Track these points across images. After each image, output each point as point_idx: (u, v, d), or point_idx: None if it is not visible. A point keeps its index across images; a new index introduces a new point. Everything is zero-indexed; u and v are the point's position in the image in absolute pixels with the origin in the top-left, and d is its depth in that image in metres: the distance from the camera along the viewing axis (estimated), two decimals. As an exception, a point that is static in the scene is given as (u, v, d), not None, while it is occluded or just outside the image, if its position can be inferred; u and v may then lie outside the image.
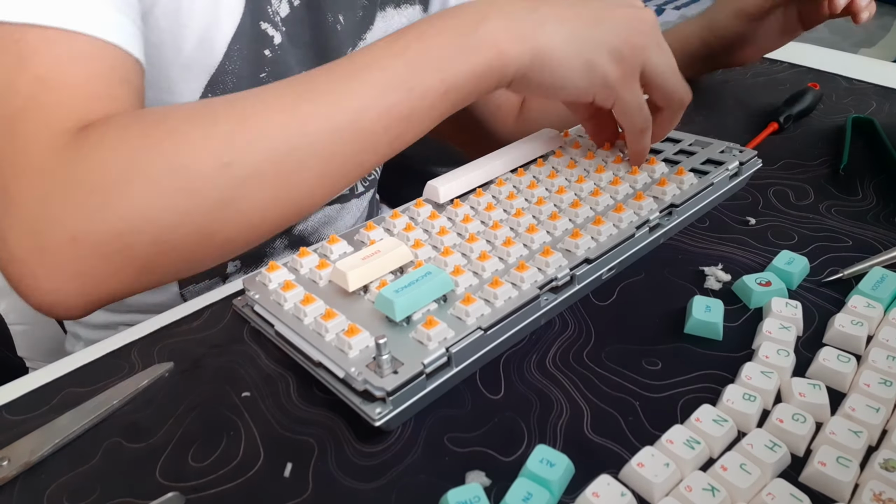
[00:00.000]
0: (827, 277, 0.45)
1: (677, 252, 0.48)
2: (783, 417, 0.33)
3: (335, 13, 0.57)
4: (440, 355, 0.35)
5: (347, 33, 0.59)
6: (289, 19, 0.55)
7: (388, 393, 0.34)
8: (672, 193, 0.49)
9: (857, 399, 0.34)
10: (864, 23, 0.64)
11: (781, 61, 0.82)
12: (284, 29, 0.55)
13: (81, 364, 0.41)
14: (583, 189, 0.49)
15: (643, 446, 0.33)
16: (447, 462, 0.34)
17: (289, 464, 0.34)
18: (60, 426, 0.36)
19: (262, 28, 0.53)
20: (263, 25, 0.53)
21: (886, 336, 0.38)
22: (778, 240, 0.49)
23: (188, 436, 0.36)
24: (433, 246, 0.44)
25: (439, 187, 0.49)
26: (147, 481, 0.33)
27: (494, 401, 0.37)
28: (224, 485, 0.33)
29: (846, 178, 0.56)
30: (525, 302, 0.39)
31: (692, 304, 0.41)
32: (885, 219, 0.51)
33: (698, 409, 0.34)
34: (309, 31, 0.56)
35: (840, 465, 0.31)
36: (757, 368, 0.36)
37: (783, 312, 0.40)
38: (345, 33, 0.59)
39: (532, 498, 0.30)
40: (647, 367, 0.39)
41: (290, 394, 0.38)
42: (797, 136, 0.64)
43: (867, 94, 0.72)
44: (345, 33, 0.59)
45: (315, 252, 0.45)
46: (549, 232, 0.45)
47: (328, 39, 0.58)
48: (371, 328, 0.37)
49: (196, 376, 0.39)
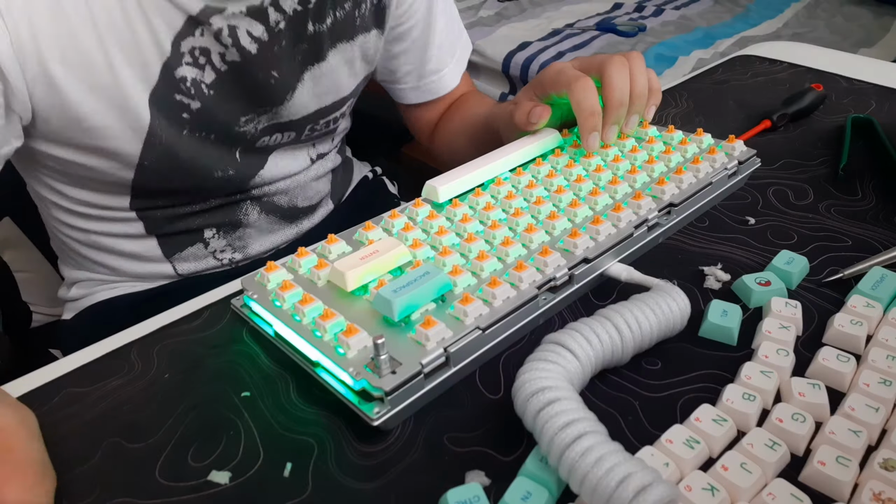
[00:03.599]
0: (827, 277, 0.45)
1: (677, 252, 0.48)
2: (783, 417, 0.33)
3: (267, 70, 0.59)
4: (438, 355, 0.35)
5: (283, 82, 0.61)
6: (216, 84, 0.57)
7: (386, 393, 0.34)
8: (671, 193, 0.49)
9: (856, 399, 0.34)
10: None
11: (781, 61, 0.82)
12: (212, 93, 0.57)
13: (81, 364, 0.41)
14: (581, 189, 0.49)
15: (643, 446, 0.33)
16: (447, 462, 0.34)
17: (288, 463, 0.34)
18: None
19: (178, 99, 0.56)
20: (178, 97, 0.56)
21: (886, 336, 0.38)
22: (777, 239, 0.49)
23: (188, 436, 0.36)
24: (432, 246, 0.44)
25: (438, 187, 0.49)
26: (147, 481, 0.33)
27: (494, 400, 0.37)
28: (224, 484, 0.33)
29: (846, 178, 0.56)
30: (524, 302, 0.39)
31: (709, 307, 0.41)
32: (884, 218, 0.51)
33: (698, 409, 0.34)
34: (238, 88, 0.58)
35: (840, 465, 0.31)
36: (756, 368, 0.36)
37: (783, 312, 0.40)
38: (279, 84, 0.60)
39: (531, 497, 0.30)
40: (646, 366, 0.39)
41: (289, 393, 0.38)
42: (797, 135, 0.64)
43: (867, 93, 0.72)
44: (279, 84, 0.60)
45: (313, 252, 0.45)
46: (548, 232, 0.45)
47: (262, 91, 0.60)
48: (369, 328, 0.37)
49: (196, 376, 0.39)
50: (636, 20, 1.89)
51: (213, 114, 0.58)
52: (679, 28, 1.83)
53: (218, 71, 0.56)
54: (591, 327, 0.36)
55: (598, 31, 1.82)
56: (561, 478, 0.30)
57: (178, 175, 0.60)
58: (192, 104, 0.57)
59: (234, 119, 0.60)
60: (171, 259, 0.68)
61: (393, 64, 0.75)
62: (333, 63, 0.64)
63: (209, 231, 0.67)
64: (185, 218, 0.65)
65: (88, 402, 0.38)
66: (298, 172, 0.70)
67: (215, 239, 0.68)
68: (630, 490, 0.27)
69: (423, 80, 0.76)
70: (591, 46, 1.73)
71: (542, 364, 0.33)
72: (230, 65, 0.57)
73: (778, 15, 1.89)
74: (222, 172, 0.62)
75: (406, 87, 0.77)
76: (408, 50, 0.73)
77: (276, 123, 0.63)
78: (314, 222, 0.76)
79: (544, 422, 0.30)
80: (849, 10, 1.89)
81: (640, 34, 1.79)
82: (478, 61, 1.73)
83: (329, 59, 0.64)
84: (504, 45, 1.76)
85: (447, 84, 0.77)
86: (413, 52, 0.74)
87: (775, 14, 1.90)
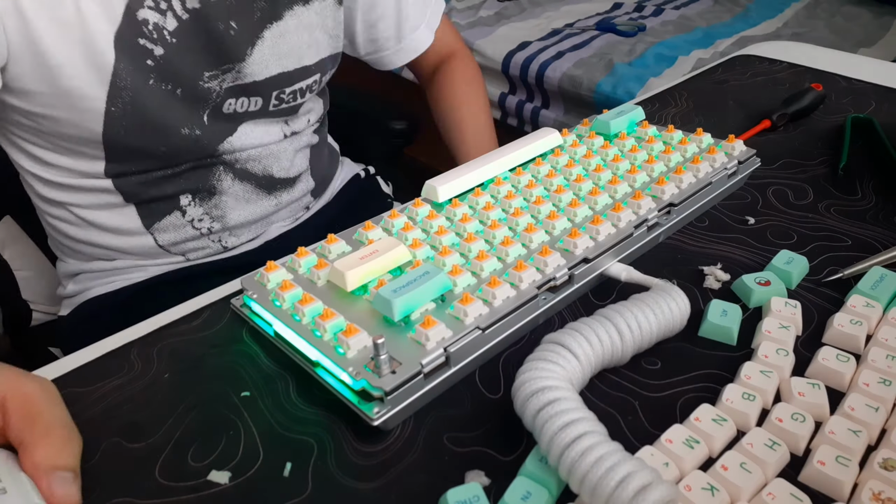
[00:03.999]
0: (826, 277, 0.45)
1: (676, 251, 0.48)
2: (782, 417, 0.33)
3: (226, 21, 0.61)
4: (438, 355, 0.35)
5: (242, 36, 0.62)
6: (178, 31, 0.59)
7: (385, 393, 0.34)
8: (671, 192, 0.49)
9: (856, 398, 0.34)
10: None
11: (781, 61, 0.82)
12: (175, 41, 0.59)
13: (81, 364, 0.41)
14: (581, 188, 0.49)
15: (642, 446, 0.33)
16: (446, 462, 0.34)
17: (288, 463, 0.34)
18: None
19: (141, 44, 0.58)
20: (142, 41, 0.58)
21: (885, 335, 0.38)
22: (777, 239, 0.49)
23: (188, 436, 0.36)
24: (431, 245, 0.44)
25: (438, 186, 0.49)
26: (147, 481, 0.33)
27: (494, 400, 0.37)
28: (224, 484, 0.33)
29: (845, 178, 0.56)
30: (523, 302, 0.39)
31: (709, 307, 0.41)
32: (884, 218, 0.51)
33: (698, 409, 0.34)
34: (200, 38, 0.60)
35: (839, 465, 0.31)
36: (756, 368, 0.36)
37: (782, 312, 0.40)
38: (239, 36, 0.62)
39: (531, 497, 0.30)
40: (646, 366, 0.39)
41: (289, 393, 0.38)
42: (796, 135, 0.64)
43: (866, 93, 0.72)
44: (239, 36, 0.62)
45: (313, 252, 0.45)
46: (548, 231, 0.45)
47: (222, 43, 0.61)
48: (369, 328, 0.37)
49: (196, 376, 0.39)
50: (636, 20, 1.89)
51: (177, 65, 0.60)
52: (679, 28, 1.83)
53: (179, 18, 0.58)
54: (590, 327, 0.36)
55: (597, 31, 1.82)
56: (561, 478, 0.30)
57: (147, 131, 0.61)
58: (156, 50, 0.58)
59: (197, 73, 0.61)
60: (150, 230, 0.69)
61: (373, 32, 0.79)
62: (291, 24, 0.66)
63: (185, 198, 0.68)
64: (160, 183, 0.67)
65: (88, 402, 0.38)
66: (270, 143, 0.72)
67: (192, 207, 0.69)
68: (630, 490, 0.27)
69: (403, 41, 0.81)
70: (591, 46, 1.73)
71: (542, 364, 0.33)
72: (191, 12, 0.59)
73: (778, 15, 1.89)
74: (189, 131, 0.64)
75: (388, 52, 0.82)
76: (384, 15, 0.78)
77: (240, 85, 0.65)
78: (294, 196, 0.77)
79: (544, 421, 0.30)
80: (848, 10, 1.90)
81: (640, 34, 1.79)
82: (478, 61, 1.72)
83: (286, 19, 0.65)
84: (504, 44, 1.76)
85: (424, 39, 0.83)
86: (388, 17, 0.78)
87: (775, 14, 1.90)
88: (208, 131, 0.65)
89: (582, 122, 0.60)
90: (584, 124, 0.60)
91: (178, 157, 0.66)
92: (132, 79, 0.58)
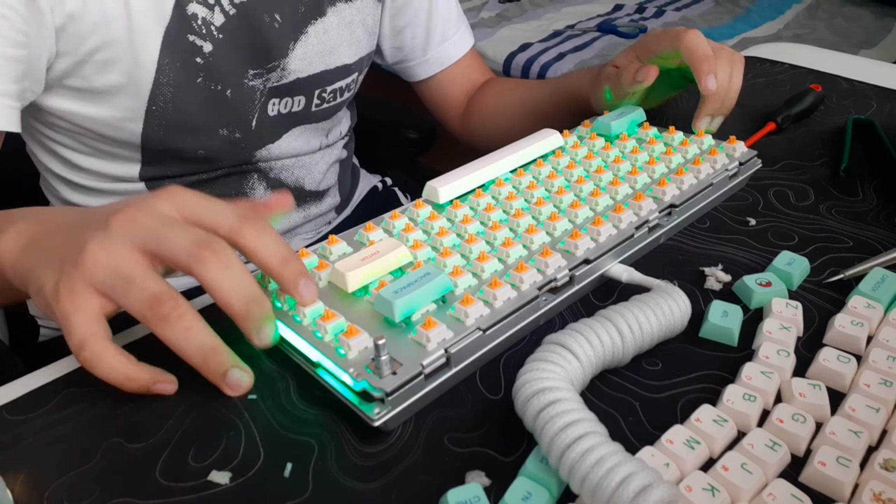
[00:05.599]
0: (827, 278, 0.45)
1: (677, 252, 0.48)
2: (783, 417, 0.33)
3: (272, 13, 0.61)
4: (439, 356, 0.35)
5: (286, 30, 0.62)
6: (225, 27, 0.58)
7: (386, 394, 0.34)
8: (671, 193, 0.49)
9: (857, 399, 0.34)
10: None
11: (782, 62, 0.82)
12: (221, 37, 0.58)
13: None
14: (582, 190, 0.49)
15: (643, 446, 0.33)
16: (447, 462, 0.34)
17: (289, 464, 0.34)
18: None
19: (191, 40, 0.57)
20: (191, 38, 0.57)
21: (886, 336, 0.38)
22: (778, 240, 0.49)
23: (188, 436, 0.36)
24: (432, 247, 0.44)
25: (439, 188, 0.49)
26: (147, 481, 0.33)
27: (494, 401, 0.37)
28: (224, 485, 0.33)
29: (846, 179, 0.56)
30: (524, 303, 0.39)
31: (709, 308, 0.41)
32: (885, 219, 0.51)
33: (698, 410, 0.34)
34: (247, 35, 0.60)
35: (840, 465, 0.31)
36: (757, 369, 0.36)
37: (783, 313, 0.40)
38: (283, 30, 0.62)
39: (532, 497, 0.30)
40: (646, 367, 0.39)
41: (290, 394, 0.38)
42: (797, 136, 0.64)
43: (867, 95, 0.72)
44: (283, 30, 0.62)
45: (314, 253, 0.45)
46: (549, 232, 0.45)
47: (267, 39, 0.61)
48: (370, 329, 0.37)
49: (196, 376, 0.39)
50: (637, 21, 1.90)
51: (223, 61, 0.59)
52: (680, 29, 1.83)
53: (227, 14, 0.58)
54: (591, 328, 0.36)
55: (598, 33, 1.82)
56: (561, 478, 0.30)
57: (187, 131, 0.61)
58: (205, 46, 0.58)
59: (242, 71, 0.61)
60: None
61: (399, 40, 0.78)
62: (333, 21, 0.66)
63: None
64: (193, 189, 0.65)
65: (88, 402, 0.38)
66: (304, 154, 0.72)
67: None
68: (630, 490, 0.27)
69: (430, 52, 0.80)
70: (592, 48, 1.73)
71: (543, 365, 0.33)
72: (238, 7, 0.58)
73: (779, 16, 1.89)
74: (229, 132, 0.63)
75: (414, 62, 0.81)
76: (412, 22, 0.77)
77: (284, 84, 0.64)
78: (321, 210, 0.77)
79: (545, 422, 0.30)
80: (849, 12, 1.90)
81: (641, 35, 1.79)
82: (479, 62, 1.73)
83: (329, 15, 0.65)
84: (505, 46, 1.76)
85: (452, 53, 0.81)
86: (417, 25, 0.77)
87: (776, 15, 1.90)
88: (253, 135, 0.65)
89: (583, 124, 0.60)
90: (585, 125, 0.60)
91: (216, 162, 0.65)
92: (175, 76, 0.57)
